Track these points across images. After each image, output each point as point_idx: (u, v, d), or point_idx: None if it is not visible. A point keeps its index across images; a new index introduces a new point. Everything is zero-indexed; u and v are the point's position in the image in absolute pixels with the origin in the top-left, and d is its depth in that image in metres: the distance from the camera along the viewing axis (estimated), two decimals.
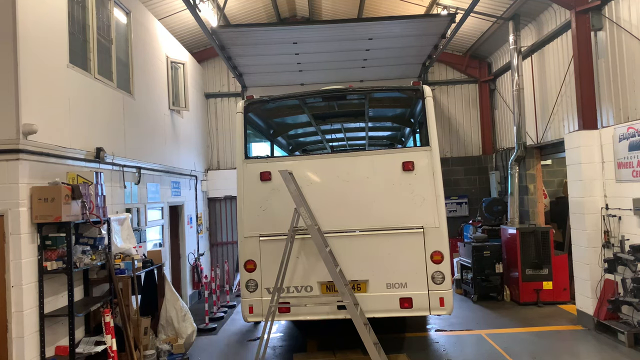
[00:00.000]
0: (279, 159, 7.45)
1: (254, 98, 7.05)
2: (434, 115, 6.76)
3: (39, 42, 5.99)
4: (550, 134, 10.66)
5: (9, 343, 5.46)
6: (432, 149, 6.60)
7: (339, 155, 7.34)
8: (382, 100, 8.02)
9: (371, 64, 12.40)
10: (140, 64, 9.37)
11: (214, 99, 14.68)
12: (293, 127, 9.24)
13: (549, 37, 10.39)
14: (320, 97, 7.27)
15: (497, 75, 13.79)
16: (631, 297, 7.48)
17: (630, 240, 7.64)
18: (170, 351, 7.69)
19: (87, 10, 7.44)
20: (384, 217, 6.63)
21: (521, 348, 7.71)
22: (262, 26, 11.74)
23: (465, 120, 14.61)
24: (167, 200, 10.55)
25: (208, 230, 14.15)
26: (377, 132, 10.54)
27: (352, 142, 11.41)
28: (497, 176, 13.57)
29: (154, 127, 9.96)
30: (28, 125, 5.57)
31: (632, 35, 7.68)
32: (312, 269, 6.72)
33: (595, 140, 8.48)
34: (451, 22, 10.20)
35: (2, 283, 5.47)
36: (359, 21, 11.74)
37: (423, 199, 6.53)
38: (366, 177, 6.66)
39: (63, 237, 5.85)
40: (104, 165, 7.47)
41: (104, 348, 6.18)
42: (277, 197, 6.68)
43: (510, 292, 10.87)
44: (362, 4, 12.36)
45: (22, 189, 5.58)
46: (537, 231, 10.48)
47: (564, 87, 9.89)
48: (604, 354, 7.35)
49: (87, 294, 6.79)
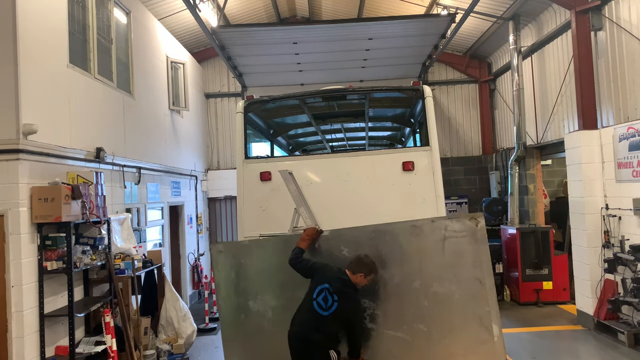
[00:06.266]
0: (279, 159, 7.43)
1: (254, 98, 7.04)
2: (434, 115, 6.74)
3: (39, 42, 5.99)
4: (550, 134, 10.66)
5: (9, 343, 5.45)
6: (432, 149, 6.59)
7: (339, 155, 7.31)
8: (382, 100, 8.01)
9: (371, 64, 12.40)
10: (140, 64, 9.36)
11: (214, 99, 14.68)
12: (293, 127, 9.23)
13: (549, 37, 10.39)
14: (320, 97, 7.26)
15: (497, 75, 13.79)
16: (631, 297, 7.48)
17: (630, 240, 7.64)
18: (170, 351, 7.69)
19: (87, 10, 7.44)
20: (384, 217, 6.61)
21: (521, 348, 7.71)
22: (262, 26, 11.74)
23: (465, 120, 14.61)
24: (167, 200, 10.55)
25: (208, 230, 14.15)
26: (377, 132, 10.52)
27: (352, 142, 11.40)
28: (497, 176, 13.56)
29: (154, 127, 9.96)
30: (28, 125, 5.56)
31: (632, 35, 7.68)
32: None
33: (595, 140, 8.48)
34: (451, 22, 10.20)
35: (2, 283, 5.47)
36: (359, 21, 11.74)
37: (423, 199, 6.52)
38: (366, 177, 6.65)
39: (63, 237, 5.85)
40: (104, 165, 7.46)
41: (104, 348, 6.18)
42: (277, 197, 6.67)
43: (510, 292, 10.87)
44: (362, 4, 12.35)
45: (22, 189, 5.58)
46: (537, 231, 10.48)
47: (564, 87, 9.89)
48: (604, 354, 7.35)
49: (87, 294, 6.79)
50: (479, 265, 4.33)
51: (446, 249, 4.39)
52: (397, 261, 4.55)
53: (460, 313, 4.39)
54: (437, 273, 4.42)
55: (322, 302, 4.40)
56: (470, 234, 4.38)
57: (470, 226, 4.36)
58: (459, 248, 4.37)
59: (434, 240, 4.43)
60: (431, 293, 4.45)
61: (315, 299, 4.44)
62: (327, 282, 4.45)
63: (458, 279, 4.36)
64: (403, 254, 4.54)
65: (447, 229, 4.41)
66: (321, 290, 4.44)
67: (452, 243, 4.39)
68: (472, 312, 4.34)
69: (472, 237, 4.35)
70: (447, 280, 4.38)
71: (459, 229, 4.38)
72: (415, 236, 4.52)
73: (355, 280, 4.47)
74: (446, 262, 4.38)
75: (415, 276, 4.50)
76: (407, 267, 4.54)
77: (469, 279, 4.33)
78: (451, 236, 4.40)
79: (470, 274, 4.33)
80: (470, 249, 4.34)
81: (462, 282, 4.35)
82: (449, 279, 4.38)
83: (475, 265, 4.33)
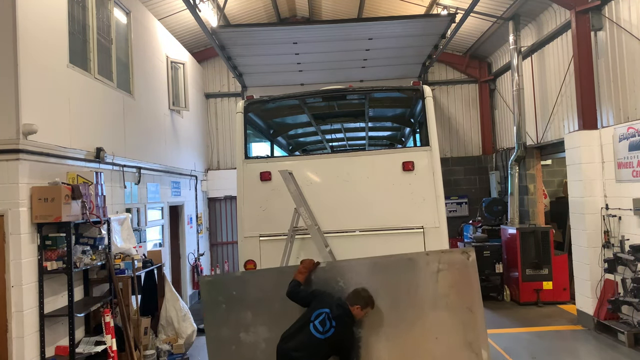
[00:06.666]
0: (279, 159, 7.43)
1: (254, 98, 7.04)
2: (434, 115, 6.74)
3: (39, 42, 5.99)
4: (550, 134, 10.66)
5: (9, 343, 5.45)
6: (432, 149, 6.59)
7: (339, 155, 7.31)
8: (382, 100, 8.01)
9: (371, 64, 12.40)
10: (140, 64, 9.36)
11: (214, 99, 14.68)
12: (293, 127, 9.23)
13: (549, 37, 10.39)
14: (320, 97, 7.26)
15: (497, 75, 13.79)
16: (631, 297, 7.48)
17: (630, 240, 7.64)
18: (170, 351, 7.69)
19: (87, 10, 7.44)
20: (384, 217, 6.62)
21: (521, 348, 7.71)
22: (262, 26, 11.73)
23: (465, 120, 14.61)
24: (167, 200, 10.55)
25: (208, 230, 14.15)
26: (377, 132, 10.53)
27: (352, 142, 11.40)
28: (497, 176, 13.56)
29: (154, 127, 9.96)
30: (28, 125, 5.57)
31: (632, 35, 7.68)
32: None
33: (595, 140, 8.48)
34: (451, 22, 10.19)
35: (2, 283, 5.47)
36: (359, 21, 11.74)
37: (423, 199, 6.52)
38: (366, 177, 6.65)
39: (63, 237, 5.85)
40: (104, 165, 7.46)
41: (104, 348, 6.19)
42: (277, 197, 6.67)
43: (510, 292, 10.87)
44: (362, 4, 12.36)
45: (22, 189, 5.58)
46: (537, 231, 10.48)
47: (564, 87, 9.89)
48: (604, 354, 7.35)
49: (87, 294, 6.79)
50: (469, 295, 4.63)
51: (440, 280, 4.69)
52: (393, 291, 4.79)
53: (452, 339, 4.67)
54: (431, 302, 4.70)
55: (320, 325, 4.50)
56: (462, 266, 4.67)
57: (462, 259, 4.67)
58: (452, 279, 4.67)
59: (428, 272, 4.71)
60: (424, 321, 4.72)
61: (312, 321, 4.53)
62: (327, 307, 4.56)
63: (450, 307, 4.65)
64: (399, 285, 4.78)
65: (441, 261, 4.70)
66: (320, 314, 4.54)
67: (445, 275, 4.68)
68: (463, 338, 4.63)
69: (464, 269, 4.65)
70: (440, 309, 4.67)
71: (452, 262, 4.68)
72: (411, 268, 4.79)
73: (352, 312, 4.62)
74: (439, 292, 4.68)
75: (410, 305, 4.75)
76: (403, 297, 4.78)
77: (460, 307, 4.63)
78: (444, 268, 4.69)
79: (461, 303, 4.63)
80: (462, 280, 4.64)
81: (454, 311, 4.64)
82: (442, 308, 4.67)
83: (467, 295, 4.63)
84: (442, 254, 4.79)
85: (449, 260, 4.69)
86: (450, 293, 4.65)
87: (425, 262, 4.75)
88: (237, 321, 5.03)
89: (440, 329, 4.66)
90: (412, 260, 4.81)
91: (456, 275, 4.63)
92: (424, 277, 4.73)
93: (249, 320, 5.01)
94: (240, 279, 5.26)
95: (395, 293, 4.76)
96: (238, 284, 5.15)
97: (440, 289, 4.67)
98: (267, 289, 5.04)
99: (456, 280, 4.63)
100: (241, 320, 5.03)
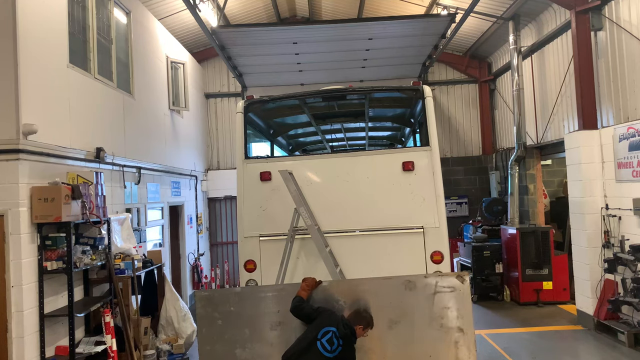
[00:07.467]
0: (279, 159, 7.44)
1: (254, 98, 7.05)
2: (434, 115, 6.75)
3: (39, 42, 5.99)
4: (550, 134, 10.66)
5: (9, 343, 5.45)
6: (432, 149, 6.59)
7: (339, 155, 7.31)
8: (382, 100, 8.01)
9: (371, 64, 12.40)
10: (140, 64, 9.37)
11: (214, 99, 14.68)
12: (293, 127, 9.23)
13: (549, 37, 10.39)
14: (320, 97, 7.26)
15: (497, 75, 13.79)
16: (631, 297, 7.48)
17: (630, 240, 7.64)
18: (170, 351, 7.69)
19: (87, 10, 7.44)
20: (384, 217, 6.63)
21: (521, 348, 7.72)
22: (262, 26, 11.73)
23: (465, 120, 14.61)
24: (167, 200, 10.55)
25: (208, 230, 14.15)
26: (377, 132, 10.53)
27: (352, 142, 11.40)
28: (497, 176, 13.56)
29: (154, 127, 9.96)
30: (28, 125, 5.56)
31: (632, 35, 7.68)
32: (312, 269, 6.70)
33: (595, 140, 8.48)
34: (451, 22, 10.20)
35: (2, 283, 5.47)
36: (359, 21, 11.74)
37: (423, 199, 6.53)
38: (366, 177, 6.65)
39: (63, 237, 5.85)
40: (104, 165, 7.46)
41: (104, 348, 6.18)
42: (277, 197, 6.67)
43: (510, 292, 10.87)
44: (362, 4, 12.36)
45: (22, 189, 5.58)
46: (537, 231, 10.48)
47: (564, 87, 9.89)
48: (604, 354, 7.35)
49: (87, 294, 6.79)
50: (462, 316, 4.93)
51: (435, 302, 4.97)
52: (391, 311, 5.01)
53: (444, 357, 4.96)
54: (426, 322, 4.98)
55: (327, 344, 4.53)
56: (456, 289, 4.96)
57: (457, 283, 4.97)
58: (446, 302, 4.97)
59: (425, 294, 4.99)
60: (419, 340, 4.98)
61: (319, 339, 4.54)
62: (334, 326, 4.59)
63: (444, 327, 4.94)
64: (397, 305, 5.01)
65: (437, 284, 4.99)
66: (327, 332, 4.56)
67: (441, 297, 4.97)
68: (455, 356, 4.93)
69: (458, 292, 4.95)
70: (434, 329, 4.97)
71: (447, 285, 4.97)
72: (409, 290, 5.04)
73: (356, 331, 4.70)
74: (435, 313, 4.96)
75: (407, 325, 5.00)
76: (400, 317, 5.00)
77: (453, 328, 4.94)
78: (440, 291, 4.98)
79: (454, 324, 4.94)
80: (456, 302, 4.94)
81: (447, 331, 4.94)
82: (436, 328, 4.97)
83: (459, 316, 4.93)
84: (439, 277, 5.07)
85: (445, 283, 4.98)
86: (444, 314, 4.93)
87: (423, 284, 5.01)
88: (233, 337, 5.06)
89: (433, 347, 4.94)
90: (411, 282, 5.05)
91: (451, 298, 4.90)
92: (421, 299, 4.99)
93: (246, 337, 5.05)
94: (239, 295, 5.25)
95: (392, 313, 4.99)
96: (237, 300, 5.16)
97: (436, 310, 4.94)
98: (266, 306, 5.09)
99: (451, 302, 4.91)
100: (238, 336, 5.06)
